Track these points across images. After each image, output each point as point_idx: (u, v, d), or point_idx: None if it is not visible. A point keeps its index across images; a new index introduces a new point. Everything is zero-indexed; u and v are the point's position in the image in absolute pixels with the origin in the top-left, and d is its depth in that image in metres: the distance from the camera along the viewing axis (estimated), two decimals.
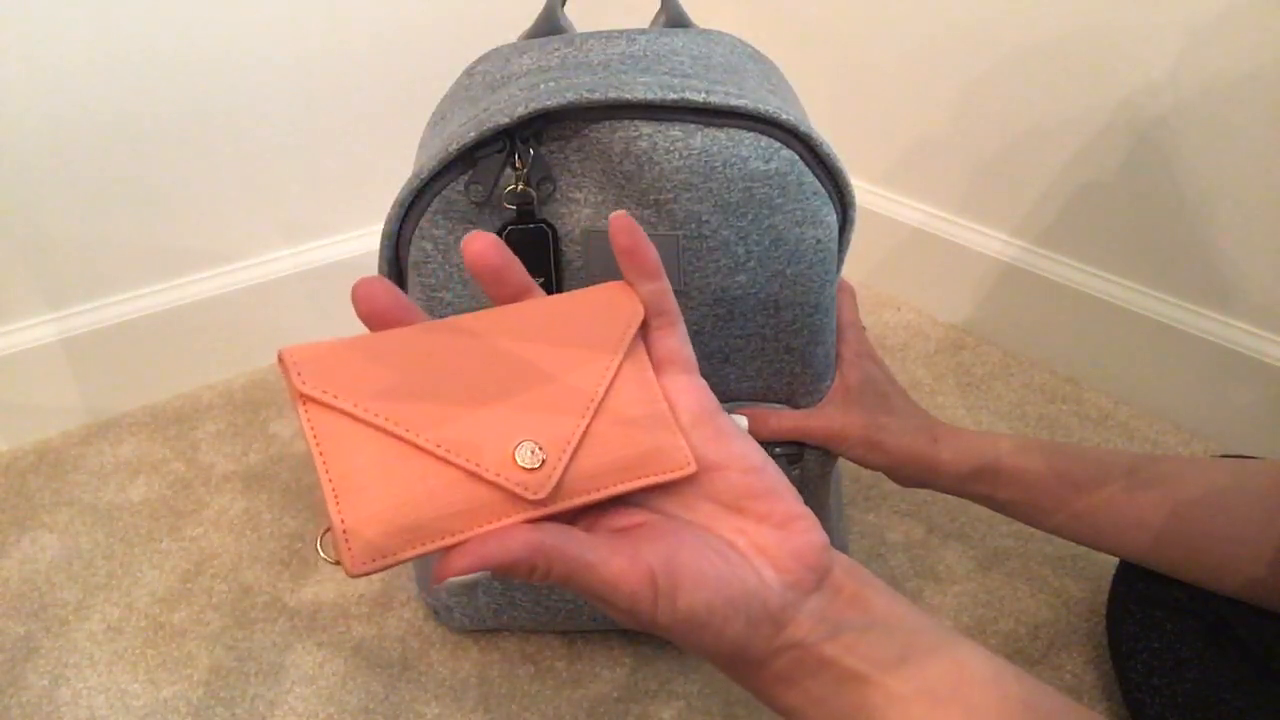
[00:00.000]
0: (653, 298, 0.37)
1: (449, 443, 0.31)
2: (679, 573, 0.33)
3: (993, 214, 0.97)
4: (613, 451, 0.34)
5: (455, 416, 0.32)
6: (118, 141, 0.81)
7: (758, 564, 0.35)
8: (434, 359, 0.33)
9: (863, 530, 0.75)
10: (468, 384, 0.33)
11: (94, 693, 0.62)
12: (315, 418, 0.31)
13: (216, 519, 0.76)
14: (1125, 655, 0.58)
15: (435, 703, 0.61)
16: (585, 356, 0.35)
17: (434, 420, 0.32)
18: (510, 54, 0.54)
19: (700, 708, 0.61)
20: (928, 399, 0.91)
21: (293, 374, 0.31)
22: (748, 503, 0.36)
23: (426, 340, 0.33)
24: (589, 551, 0.32)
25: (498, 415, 0.33)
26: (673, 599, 0.32)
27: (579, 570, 0.31)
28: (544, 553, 0.30)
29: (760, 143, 0.48)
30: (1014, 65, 0.90)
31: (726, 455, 0.36)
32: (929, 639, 0.35)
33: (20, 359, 0.83)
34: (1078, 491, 0.56)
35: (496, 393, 0.33)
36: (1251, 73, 0.74)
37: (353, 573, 0.29)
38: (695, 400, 0.37)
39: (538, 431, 0.33)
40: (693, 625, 0.33)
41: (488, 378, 0.33)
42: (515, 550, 0.30)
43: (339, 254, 0.97)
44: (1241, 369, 0.81)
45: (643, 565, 0.32)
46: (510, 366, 0.34)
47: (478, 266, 0.35)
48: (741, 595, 0.34)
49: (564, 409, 0.34)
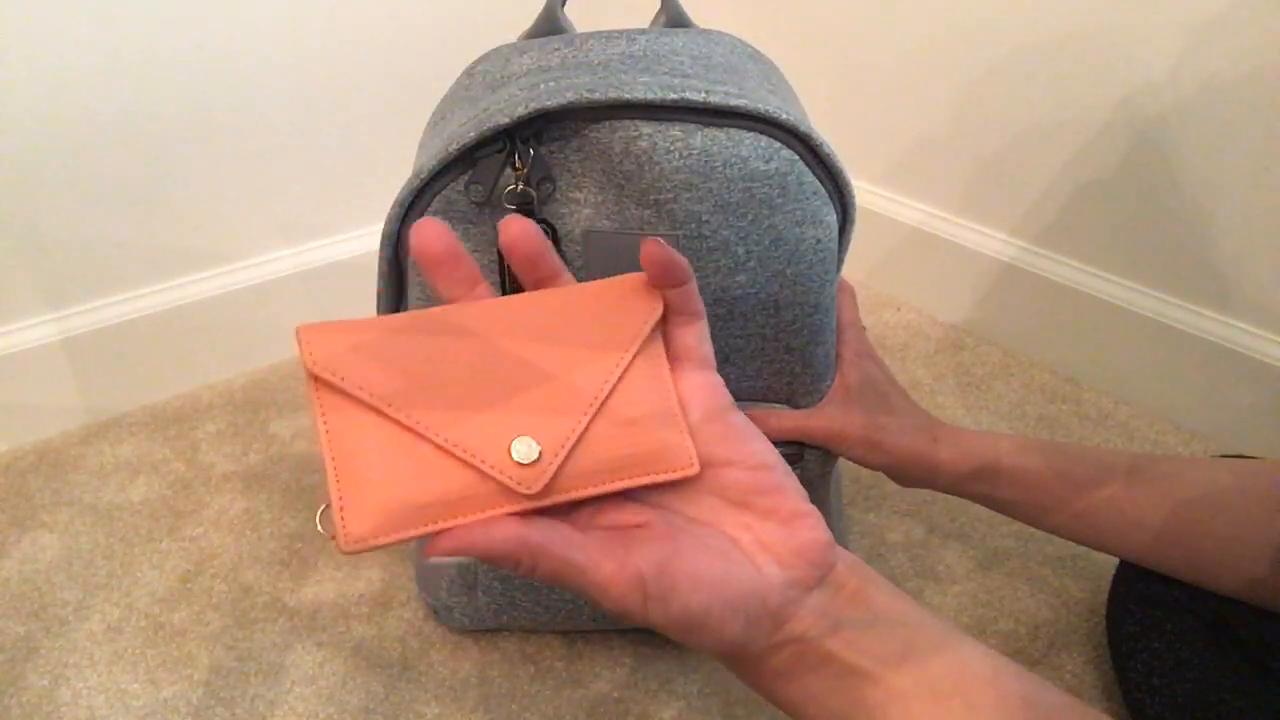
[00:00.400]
0: (678, 297, 0.37)
1: (448, 432, 0.32)
2: (673, 575, 0.33)
3: (993, 214, 0.97)
4: (612, 449, 0.34)
5: (457, 407, 0.32)
6: (118, 141, 0.81)
7: (760, 560, 0.35)
8: (444, 347, 0.33)
9: (863, 530, 0.75)
10: (474, 375, 0.33)
11: (94, 693, 0.62)
12: (324, 397, 0.32)
13: (216, 519, 0.76)
14: (1125, 655, 0.58)
15: (435, 703, 0.61)
16: (596, 351, 0.35)
17: (436, 409, 0.32)
18: (510, 54, 0.54)
19: (700, 708, 0.61)
20: (928, 399, 0.91)
21: (305, 353, 0.32)
22: (754, 499, 0.36)
23: (440, 327, 0.34)
24: (577, 552, 0.32)
25: (500, 408, 0.33)
26: (664, 601, 0.33)
27: (565, 570, 0.32)
28: (529, 549, 0.31)
29: (760, 143, 0.48)
30: (1014, 65, 0.90)
31: (736, 452, 0.36)
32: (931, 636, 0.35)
33: (20, 359, 0.83)
34: (1078, 491, 0.56)
35: (501, 385, 0.33)
36: (1251, 73, 0.74)
37: (345, 549, 0.30)
38: (709, 396, 0.37)
39: (537, 427, 0.33)
40: (688, 625, 0.33)
41: (494, 369, 0.34)
42: (499, 542, 0.31)
43: (339, 254, 0.97)
44: (1241, 369, 0.81)
45: (631, 570, 0.32)
46: (518, 359, 0.34)
47: (515, 250, 0.35)
48: (739, 596, 0.34)
49: (566, 405, 0.34)
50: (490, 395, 0.33)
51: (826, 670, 0.35)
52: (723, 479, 0.36)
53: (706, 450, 0.36)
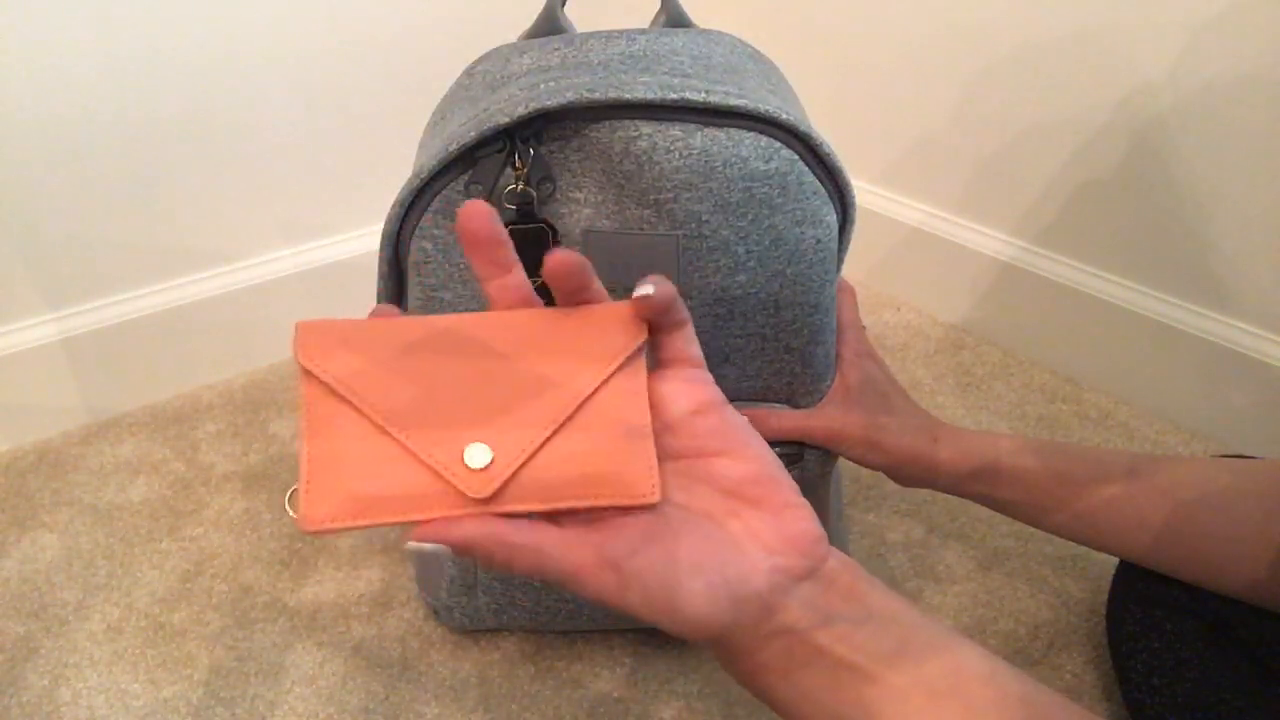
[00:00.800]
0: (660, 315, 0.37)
1: (411, 432, 0.34)
2: (650, 557, 0.33)
3: (993, 214, 0.97)
4: (572, 467, 0.35)
5: (425, 409, 0.35)
6: (118, 141, 0.81)
7: (748, 546, 0.35)
8: (426, 354, 0.36)
9: (863, 530, 0.75)
10: (449, 381, 0.35)
11: (94, 693, 0.62)
12: (310, 388, 0.35)
13: (216, 519, 0.76)
14: (1125, 655, 0.58)
15: (435, 703, 0.61)
16: (572, 369, 0.36)
17: (405, 409, 0.35)
18: (510, 54, 0.54)
19: (700, 708, 0.61)
20: (928, 399, 0.91)
21: (298, 346, 0.35)
22: (745, 488, 0.36)
23: (426, 334, 0.36)
24: (548, 543, 0.33)
25: (464, 414, 0.35)
26: (642, 582, 0.33)
27: (539, 561, 0.33)
28: (500, 542, 0.32)
29: (760, 142, 0.48)
30: (1013, 65, 0.90)
31: (728, 443, 0.36)
32: (926, 635, 0.35)
33: (20, 359, 0.83)
34: (1078, 491, 0.56)
35: (471, 393, 0.35)
36: (1251, 73, 0.74)
37: (304, 529, 0.33)
38: (701, 392, 0.37)
39: (495, 436, 0.34)
40: (670, 607, 0.33)
41: (470, 377, 0.35)
42: (470, 534, 0.32)
43: (339, 254, 0.97)
44: (1241, 369, 0.81)
45: (605, 553, 0.33)
46: (494, 370, 0.36)
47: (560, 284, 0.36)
48: (724, 578, 0.34)
49: (531, 419, 0.35)
50: (459, 401, 0.35)
51: (818, 666, 0.35)
52: (714, 468, 0.36)
53: (697, 442, 0.36)
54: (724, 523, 0.36)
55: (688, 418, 0.37)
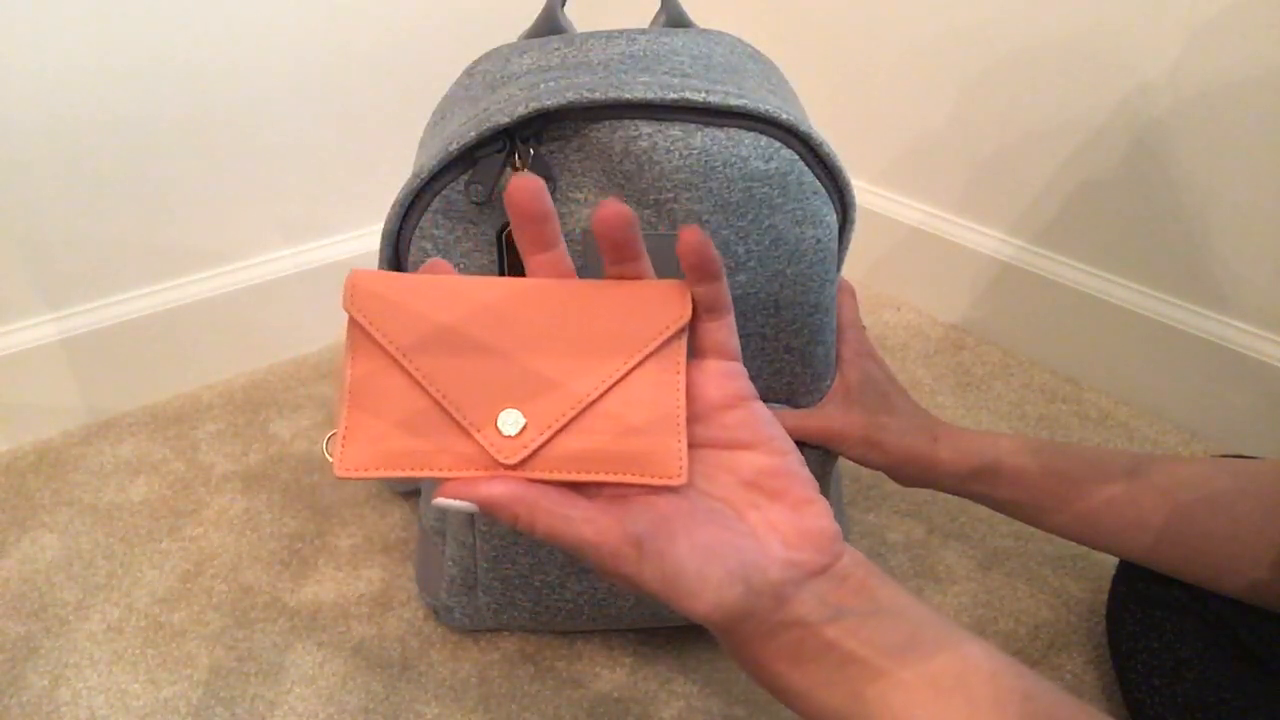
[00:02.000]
0: (708, 294, 0.37)
1: (448, 391, 0.35)
2: (670, 535, 0.34)
3: (993, 213, 0.97)
4: (601, 441, 0.35)
5: (465, 370, 0.35)
6: (118, 141, 0.81)
7: (766, 537, 0.36)
8: (473, 315, 0.36)
9: (863, 530, 0.75)
10: (491, 346, 0.36)
11: (94, 693, 0.62)
12: (355, 337, 0.36)
13: (216, 519, 0.76)
14: (1125, 655, 0.58)
15: (435, 703, 0.61)
16: (611, 345, 0.36)
17: (445, 368, 0.35)
18: (510, 54, 0.54)
19: (700, 708, 0.61)
20: (928, 399, 0.91)
21: (347, 294, 0.36)
22: (767, 480, 0.37)
23: (475, 296, 0.36)
24: (572, 509, 0.34)
25: (502, 379, 0.35)
26: (660, 559, 0.34)
27: (561, 525, 0.34)
28: (526, 503, 0.33)
29: (760, 142, 0.48)
30: (1013, 65, 0.90)
31: (755, 435, 0.37)
32: (934, 631, 0.36)
33: (20, 359, 0.83)
34: (1078, 491, 0.56)
35: (511, 359, 0.36)
36: (1251, 73, 0.74)
37: (339, 473, 0.34)
38: (733, 384, 0.38)
39: (530, 403, 0.35)
40: (684, 588, 0.34)
41: (511, 343, 0.36)
42: (498, 494, 0.34)
43: (339, 254, 0.97)
44: (1241, 369, 0.81)
45: (627, 527, 0.34)
46: (535, 338, 0.36)
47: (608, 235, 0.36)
48: (739, 564, 0.34)
49: (567, 390, 0.35)
50: (498, 366, 0.35)
51: (828, 659, 0.35)
52: (739, 460, 0.37)
53: (726, 434, 0.37)
54: (744, 513, 0.36)
55: (718, 409, 0.37)
